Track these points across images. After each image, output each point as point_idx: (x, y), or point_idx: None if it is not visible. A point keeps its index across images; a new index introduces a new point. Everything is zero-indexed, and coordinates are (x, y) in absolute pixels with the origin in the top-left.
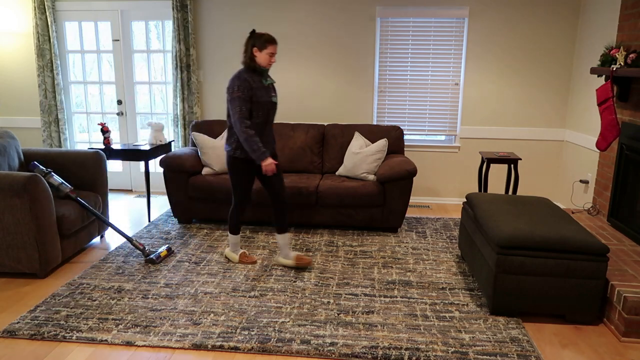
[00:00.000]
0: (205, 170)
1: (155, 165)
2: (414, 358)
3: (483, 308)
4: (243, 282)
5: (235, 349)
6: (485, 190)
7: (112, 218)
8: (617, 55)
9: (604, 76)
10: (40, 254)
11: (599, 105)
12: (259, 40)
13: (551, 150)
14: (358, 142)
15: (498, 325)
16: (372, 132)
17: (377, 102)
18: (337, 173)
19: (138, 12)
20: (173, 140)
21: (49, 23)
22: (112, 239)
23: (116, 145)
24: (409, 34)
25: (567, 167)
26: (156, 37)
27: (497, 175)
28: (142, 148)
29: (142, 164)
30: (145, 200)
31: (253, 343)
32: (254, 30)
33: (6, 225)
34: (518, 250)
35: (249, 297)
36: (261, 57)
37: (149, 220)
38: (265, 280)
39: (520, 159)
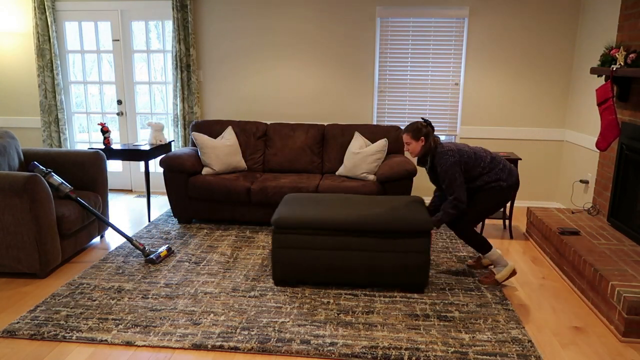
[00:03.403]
0: (205, 170)
1: (155, 165)
2: (414, 358)
3: (483, 308)
4: (243, 282)
5: (235, 349)
6: None
7: (112, 218)
8: (617, 55)
9: (604, 76)
10: (40, 254)
11: (598, 105)
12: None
13: (551, 150)
14: (358, 142)
15: (498, 325)
16: (372, 132)
17: (377, 102)
18: (337, 173)
19: (138, 12)
20: (173, 140)
21: (49, 23)
22: (112, 239)
23: (116, 145)
24: (409, 34)
25: (567, 167)
26: (156, 37)
27: None
28: (142, 148)
29: (142, 164)
30: (145, 200)
31: (253, 343)
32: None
33: (6, 225)
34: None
35: (249, 297)
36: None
37: (149, 220)
38: (265, 280)
39: (521, 159)
